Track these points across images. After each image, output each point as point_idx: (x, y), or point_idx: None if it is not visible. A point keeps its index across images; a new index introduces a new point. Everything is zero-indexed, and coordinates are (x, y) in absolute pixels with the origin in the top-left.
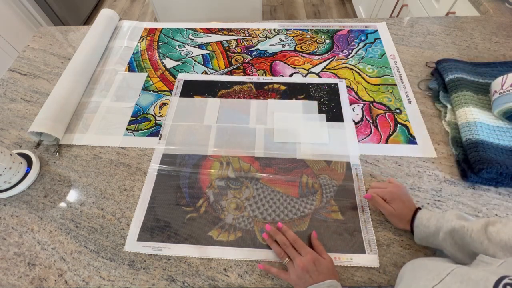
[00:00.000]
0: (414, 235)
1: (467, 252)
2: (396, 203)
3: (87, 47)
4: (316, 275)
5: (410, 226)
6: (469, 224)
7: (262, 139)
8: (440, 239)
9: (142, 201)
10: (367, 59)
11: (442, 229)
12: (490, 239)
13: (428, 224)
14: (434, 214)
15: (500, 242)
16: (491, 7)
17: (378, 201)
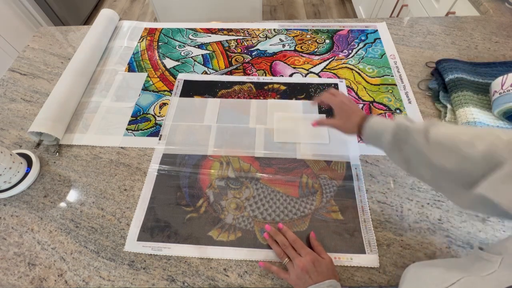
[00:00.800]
0: (363, 136)
1: (405, 157)
2: (344, 110)
3: (87, 47)
4: (315, 276)
5: (359, 129)
6: (413, 125)
7: (262, 139)
8: (384, 140)
9: (142, 201)
10: (367, 59)
11: (387, 130)
12: (428, 138)
13: (377, 127)
14: (383, 118)
15: (436, 141)
16: (491, 7)
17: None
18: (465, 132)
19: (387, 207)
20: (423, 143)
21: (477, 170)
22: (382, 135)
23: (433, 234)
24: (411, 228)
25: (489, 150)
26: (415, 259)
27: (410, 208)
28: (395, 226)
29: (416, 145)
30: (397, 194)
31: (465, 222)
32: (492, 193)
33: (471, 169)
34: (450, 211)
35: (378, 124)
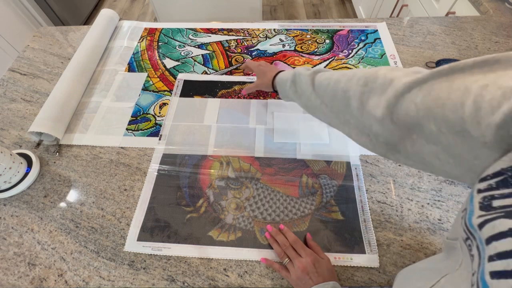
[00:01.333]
0: (278, 92)
1: (304, 102)
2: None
3: (87, 47)
4: (315, 277)
5: (273, 84)
6: (304, 72)
7: (262, 139)
8: (288, 88)
9: (142, 201)
10: (367, 59)
11: (289, 79)
12: (313, 82)
13: (283, 77)
14: (289, 70)
15: (319, 86)
16: (491, 7)
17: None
18: (338, 72)
19: (387, 207)
20: (310, 90)
21: (342, 107)
22: (285, 84)
23: (433, 234)
24: (411, 228)
25: (345, 85)
26: (415, 259)
27: (410, 208)
28: (395, 226)
29: (307, 93)
30: (397, 194)
31: None
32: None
33: (338, 105)
34: (450, 211)
35: (283, 74)
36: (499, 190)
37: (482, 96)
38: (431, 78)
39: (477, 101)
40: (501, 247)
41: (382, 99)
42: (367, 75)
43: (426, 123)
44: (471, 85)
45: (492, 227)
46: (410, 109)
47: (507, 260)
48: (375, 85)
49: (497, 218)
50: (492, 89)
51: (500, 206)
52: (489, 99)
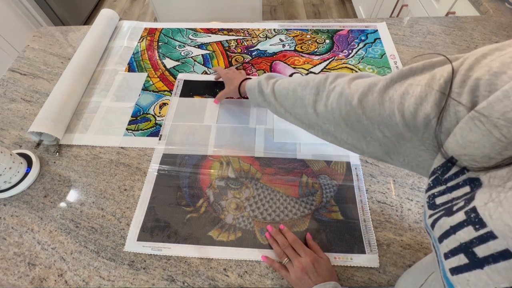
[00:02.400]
0: (249, 99)
1: (273, 110)
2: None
3: (87, 47)
4: (315, 277)
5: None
6: (265, 81)
7: (262, 139)
8: (257, 98)
9: (142, 201)
10: (367, 59)
11: (256, 88)
12: (274, 93)
13: (250, 87)
14: (254, 79)
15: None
16: (491, 7)
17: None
18: (293, 81)
19: (387, 207)
20: (274, 101)
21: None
22: (254, 93)
23: None
24: (411, 228)
25: (301, 94)
26: (415, 259)
27: (410, 208)
28: (395, 226)
29: (273, 103)
30: (397, 194)
31: None
32: None
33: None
34: None
35: (250, 83)
36: (436, 188)
37: (402, 104)
38: (368, 91)
39: (400, 109)
40: (451, 244)
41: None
42: (318, 84)
43: (372, 129)
44: (393, 95)
45: (439, 227)
46: (358, 118)
47: (458, 256)
48: (324, 93)
49: (441, 217)
50: (407, 96)
51: (441, 203)
52: (407, 106)
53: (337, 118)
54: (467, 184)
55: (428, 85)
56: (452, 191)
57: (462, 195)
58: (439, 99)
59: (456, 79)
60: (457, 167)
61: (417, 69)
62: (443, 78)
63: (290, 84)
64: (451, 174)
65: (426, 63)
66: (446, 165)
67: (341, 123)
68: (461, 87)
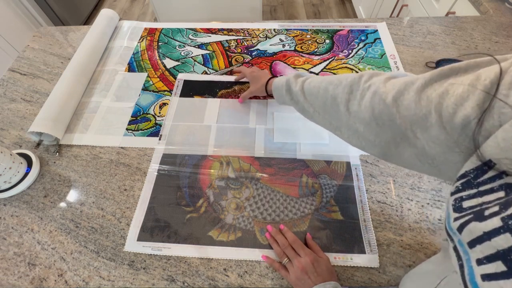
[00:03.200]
0: (275, 98)
1: (301, 108)
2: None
3: (87, 47)
4: (315, 277)
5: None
6: (295, 83)
7: (262, 139)
8: (284, 96)
9: (142, 201)
10: (367, 59)
11: (284, 87)
12: (304, 91)
13: (278, 85)
14: (283, 77)
15: (310, 94)
16: (491, 7)
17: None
18: (325, 79)
19: (387, 207)
20: (303, 100)
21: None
22: (282, 92)
23: (433, 234)
24: (411, 228)
25: (333, 93)
26: (415, 259)
27: (410, 208)
28: (395, 226)
29: (301, 101)
30: (397, 194)
31: None
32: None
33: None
34: None
35: (278, 81)
36: (465, 191)
37: (440, 104)
38: (404, 89)
39: (438, 109)
40: (486, 250)
41: (368, 104)
42: (352, 83)
43: (403, 129)
44: (431, 94)
45: (469, 231)
46: (391, 116)
47: (495, 263)
48: (358, 92)
49: (470, 221)
50: (447, 96)
51: (469, 207)
52: (446, 106)
53: (369, 118)
54: (502, 189)
55: (472, 85)
56: (483, 195)
57: (494, 199)
58: (483, 100)
59: (505, 80)
60: (495, 171)
61: (460, 68)
62: (489, 79)
63: (321, 83)
64: (486, 178)
65: (470, 63)
66: (481, 169)
67: (372, 123)
68: (510, 89)
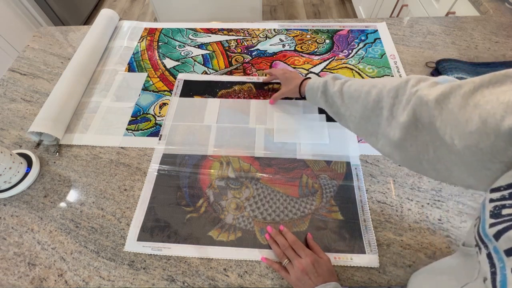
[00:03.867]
0: (307, 98)
1: (335, 111)
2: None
3: (87, 47)
4: (315, 277)
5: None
6: (333, 85)
7: (262, 139)
8: (318, 98)
9: (142, 201)
10: (367, 59)
11: (319, 89)
12: (342, 93)
13: (313, 86)
14: (318, 77)
15: (347, 96)
16: (491, 7)
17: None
18: (367, 83)
19: (387, 207)
20: (340, 102)
21: (373, 118)
22: (316, 93)
23: (433, 234)
24: (411, 228)
25: (377, 97)
26: (415, 259)
27: (410, 208)
28: (395, 226)
29: (337, 104)
30: (397, 194)
31: (465, 222)
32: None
33: (369, 116)
34: (450, 211)
35: (313, 83)
36: (509, 200)
37: (487, 111)
38: (450, 93)
39: (483, 115)
40: None
41: (410, 108)
42: (398, 87)
43: (442, 134)
44: (478, 101)
45: (508, 239)
46: (431, 119)
47: None
48: (404, 97)
49: (509, 229)
50: (495, 103)
51: (508, 214)
52: (493, 113)
53: (409, 121)
54: None
55: None
56: None
57: None
58: None
59: None
60: None
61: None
62: None
63: (363, 86)
64: None
65: None
66: None
67: (411, 126)
68: None
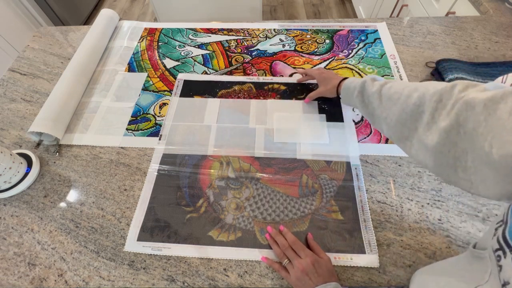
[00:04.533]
0: (341, 98)
1: (370, 112)
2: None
3: (87, 47)
4: (315, 277)
5: (337, 91)
6: (372, 85)
7: (262, 139)
8: (354, 97)
9: (142, 201)
10: (367, 59)
11: (356, 88)
12: (381, 95)
13: (350, 85)
14: (356, 78)
15: (386, 97)
16: (491, 7)
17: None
18: (408, 86)
19: (387, 207)
20: (378, 103)
21: (411, 122)
22: (353, 93)
23: (433, 234)
24: (411, 228)
25: (418, 100)
26: (415, 259)
27: (410, 208)
28: (395, 226)
29: (374, 104)
30: (397, 194)
31: (465, 222)
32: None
33: (407, 119)
34: (450, 211)
35: (350, 82)
36: None
37: None
38: (501, 99)
39: None
40: None
41: (453, 112)
42: (442, 91)
43: (482, 141)
44: None
45: None
46: (476, 124)
47: None
48: (449, 101)
49: None
50: None
51: None
52: None
53: (450, 126)
54: None
55: None
56: None
57: None
58: None
59: None
60: None
61: None
62: None
63: (404, 89)
64: None
65: None
66: None
67: (453, 132)
68: None
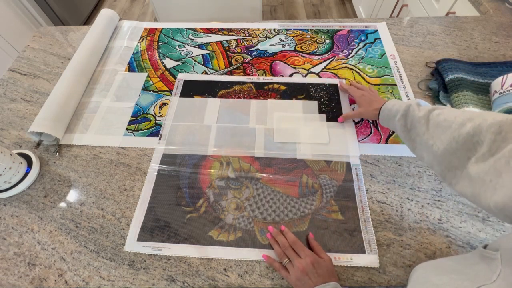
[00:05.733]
0: (379, 118)
1: (412, 138)
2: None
3: (87, 47)
4: (315, 277)
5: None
6: (418, 111)
7: (262, 139)
8: (396, 120)
9: (142, 201)
10: (367, 59)
11: (400, 111)
12: (428, 120)
13: (392, 108)
14: (398, 101)
15: (434, 124)
16: (491, 7)
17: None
18: (461, 114)
19: (387, 207)
20: (424, 129)
21: (461, 152)
22: (395, 115)
23: (433, 234)
24: (411, 228)
25: (473, 130)
26: (415, 259)
27: (410, 208)
28: (395, 226)
29: (419, 130)
30: (397, 194)
31: (465, 222)
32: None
33: (457, 149)
34: (450, 211)
35: (393, 105)
36: None
37: None
38: None
39: None
40: None
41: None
42: (502, 123)
43: None
44: None
45: None
46: None
47: None
48: (509, 134)
49: None
50: None
51: None
52: None
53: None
54: None
55: None
56: None
57: None
58: None
59: None
60: None
61: None
62: None
63: (456, 117)
64: None
65: None
66: None
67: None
68: None
